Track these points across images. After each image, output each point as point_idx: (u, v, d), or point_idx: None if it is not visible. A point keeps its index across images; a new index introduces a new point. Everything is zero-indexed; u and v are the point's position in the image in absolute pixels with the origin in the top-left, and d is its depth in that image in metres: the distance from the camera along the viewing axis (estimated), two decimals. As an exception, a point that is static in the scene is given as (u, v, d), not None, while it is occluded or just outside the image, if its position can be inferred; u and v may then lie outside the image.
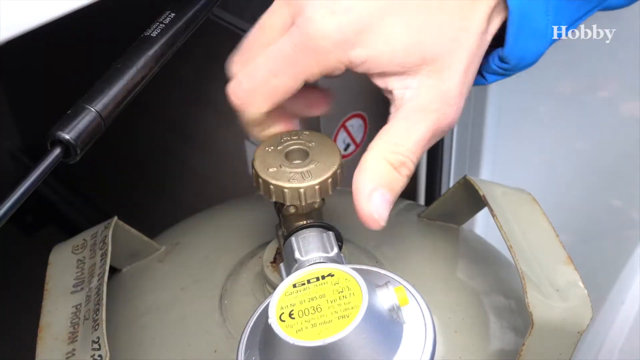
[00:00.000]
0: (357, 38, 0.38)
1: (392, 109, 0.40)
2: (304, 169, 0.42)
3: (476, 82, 0.43)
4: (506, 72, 0.43)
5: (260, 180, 0.42)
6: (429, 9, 0.38)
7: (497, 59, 0.41)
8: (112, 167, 1.14)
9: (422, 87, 0.39)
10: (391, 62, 0.38)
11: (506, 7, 0.39)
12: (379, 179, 0.39)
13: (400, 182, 0.40)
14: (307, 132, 0.44)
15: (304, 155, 0.43)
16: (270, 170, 0.42)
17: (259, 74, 0.40)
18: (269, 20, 0.41)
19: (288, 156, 0.43)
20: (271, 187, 0.41)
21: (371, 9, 0.38)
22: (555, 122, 0.85)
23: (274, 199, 0.42)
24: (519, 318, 0.48)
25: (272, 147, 0.43)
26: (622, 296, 1.08)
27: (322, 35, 0.38)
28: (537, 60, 0.42)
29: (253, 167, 0.42)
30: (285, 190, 0.41)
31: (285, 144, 0.43)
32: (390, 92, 0.40)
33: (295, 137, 0.44)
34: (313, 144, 0.43)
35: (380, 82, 0.40)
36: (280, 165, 0.42)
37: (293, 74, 0.40)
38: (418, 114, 0.39)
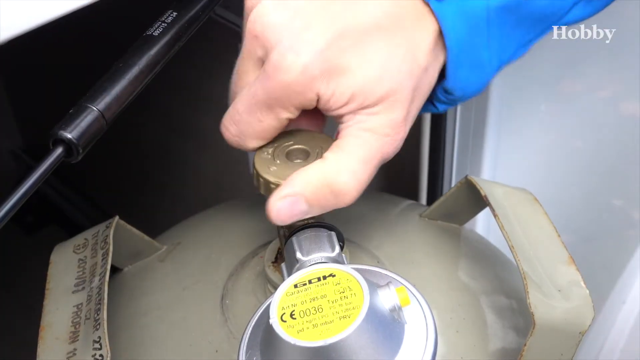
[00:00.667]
0: (323, 76, 0.38)
1: (342, 130, 0.41)
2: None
3: (429, 110, 0.45)
4: (453, 102, 0.44)
5: (261, 179, 0.42)
6: (387, 45, 0.39)
7: (442, 90, 0.43)
8: (114, 167, 1.14)
9: (374, 115, 0.40)
10: (353, 98, 0.39)
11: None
12: (309, 191, 0.40)
13: (333, 206, 0.40)
14: (307, 132, 0.44)
15: (305, 154, 0.43)
16: (271, 169, 0.42)
17: (242, 119, 0.41)
18: (242, 66, 0.42)
19: (289, 155, 0.43)
20: (272, 186, 0.41)
21: (335, 47, 0.38)
22: (556, 121, 0.85)
23: None
24: (520, 318, 0.48)
25: (272, 147, 0.43)
26: (623, 296, 1.08)
27: (292, 79, 0.38)
28: (482, 89, 0.43)
29: (254, 166, 0.42)
30: None
31: (285, 144, 0.43)
32: (344, 121, 0.41)
33: (296, 137, 0.44)
34: (314, 143, 0.43)
35: (336, 116, 0.41)
36: (281, 165, 0.42)
37: (273, 116, 0.40)
38: (368, 135, 0.40)
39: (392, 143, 0.40)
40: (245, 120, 0.41)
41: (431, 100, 0.44)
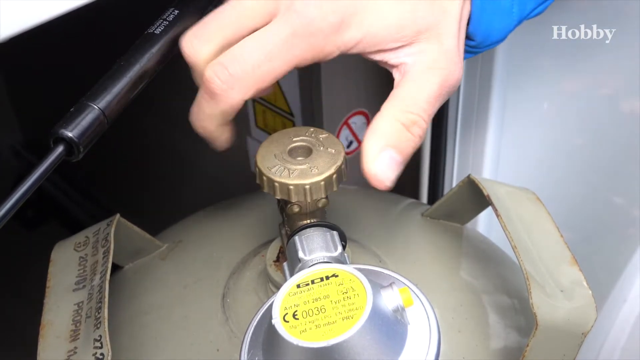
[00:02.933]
0: (351, 19, 0.38)
1: (397, 77, 0.41)
2: (308, 165, 0.41)
3: None
4: (473, 49, 0.44)
5: (265, 177, 0.41)
6: None
7: (465, 37, 0.43)
8: (116, 164, 1.14)
9: (423, 52, 0.40)
10: (386, 39, 0.40)
11: None
12: (388, 138, 0.39)
13: (412, 142, 0.40)
14: (310, 129, 0.44)
15: (307, 151, 0.43)
16: (274, 167, 0.42)
17: (251, 57, 0.39)
18: (251, 3, 0.40)
19: (291, 153, 0.43)
20: (276, 184, 0.41)
21: None
22: (557, 119, 0.85)
23: (278, 196, 0.42)
24: (522, 317, 0.48)
25: (274, 144, 0.43)
26: (624, 294, 1.08)
27: (320, 20, 0.38)
28: (503, 38, 0.44)
29: (256, 164, 0.42)
30: (290, 187, 0.41)
31: (288, 141, 0.43)
32: (391, 64, 0.41)
33: (299, 134, 0.44)
34: (316, 140, 0.43)
35: (377, 57, 0.41)
36: (284, 162, 0.42)
37: (287, 59, 0.39)
38: (426, 73, 0.40)
39: (450, 75, 0.40)
40: (254, 59, 0.39)
41: None
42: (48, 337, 0.43)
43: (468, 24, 0.42)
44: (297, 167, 0.41)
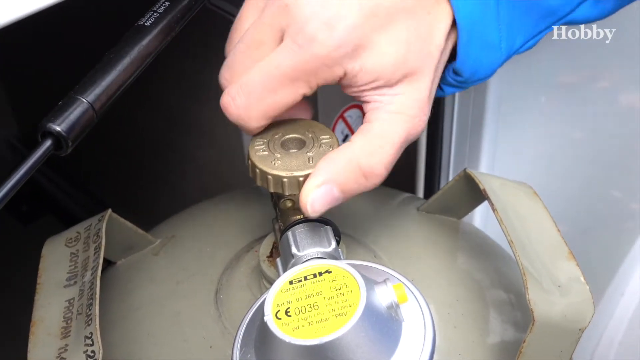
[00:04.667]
0: (353, 53, 0.38)
1: (367, 111, 0.41)
2: (302, 158, 0.41)
3: (436, 93, 0.45)
4: (461, 85, 0.44)
5: (257, 170, 0.41)
6: (409, 26, 0.39)
7: (452, 71, 0.43)
8: (111, 158, 1.13)
9: (399, 95, 0.40)
10: (379, 77, 0.39)
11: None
12: (342, 177, 0.39)
13: (363, 189, 0.40)
14: (305, 121, 0.44)
15: (301, 144, 0.42)
16: (267, 159, 0.41)
17: (255, 90, 0.40)
18: (257, 35, 0.40)
19: (285, 145, 0.42)
20: (269, 176, 0.40)
21: (367, 25, 0.38)
22: (555, 113, 0.84)
23: (272, 189, 0.41)
24: (519, 313, 0.48)
25: (267, 137, 0.42)
26: (622, 288, 1.08)
27: (325, 52, 0.38)
28: (492, 73, 0.44)
29: (249, 157, 0.42)
30: (284, 179, 0.40)
31: (279, 134, 0.43)
32: (365, 100, 0.41)
33: (293, 126, 0.43)
34: (310, 133, 0.43)
35: (357, 94, 0.41)
36: (277, 154, 0.41)
37: (293, 90, 0.40)
38: (396, 116, 0.40)
39: (419, 123, 0.41)
40: (259, 92, 0.39)
41: (438, 84, 0.44)
42: (39, 334, 0.42)
43: (455, 59, 0.42)
44: (290, 159, 0.41)
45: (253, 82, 0.40)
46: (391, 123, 0.40)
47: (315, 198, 0.39)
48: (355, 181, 0.39)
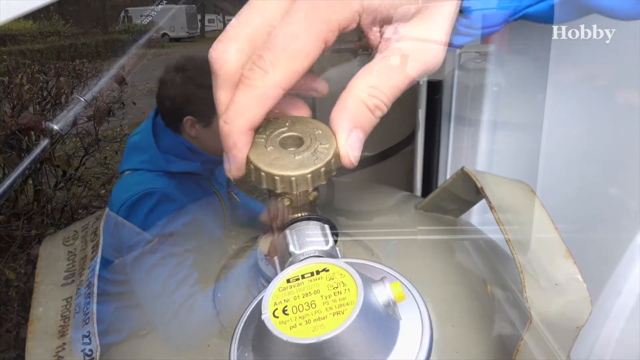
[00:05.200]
0: None
1: (378, 51, 0.41)
2: (299, 157, 0.41)
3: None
4: (469, 32, 0.44)
5: (252, 166, 0.41)
6: None
7: (461, 21, 0.43)
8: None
9: (410, 35, 0.41)
10: (393, 8, 0.40)
11: None
12: (355, 120, 0.41)
13: (373, 122, 0.41)
14: (298, 118, 0.43)
15: (299, 142, 0.42)
16: (263, 157, 0.41)
17: (278, 40, 0.40)
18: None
19: (282, 143, 0.42)
20: (262, 174, 0.40)
21: None
22: (552, 110, 0.84)
23: (264, 186, 0.41)
24: (516, 311, 0.48)
25: (265, 134, 0.42)
26: (619, 286, 1.08)
27: None
28: (499, 23, 0.44)
29: (248, 155, 0.41)
30: (276, 177, 0.40)
31: (277, 131, 0.42)
32: (379, 38, 0.41)
33: (288, 124, 0.43)
34: (306, 129, 0.42)
35: (374, 28, 0.41)
36: (274, 152, 0.41)
37: (312, 34, 0.40)
38: (403, 63, 0.41)
39: (431, 64, 0.41)
40: (281, 40, 0.40)
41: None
42: (36, 333, 0.42)
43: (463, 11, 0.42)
44: (286, 157, 0.41)
45: (277, 32, 0.40)
46: (397, 70, 0.41)
47: (352, 146, 0.40)
48: (369, 119, 0.41)
